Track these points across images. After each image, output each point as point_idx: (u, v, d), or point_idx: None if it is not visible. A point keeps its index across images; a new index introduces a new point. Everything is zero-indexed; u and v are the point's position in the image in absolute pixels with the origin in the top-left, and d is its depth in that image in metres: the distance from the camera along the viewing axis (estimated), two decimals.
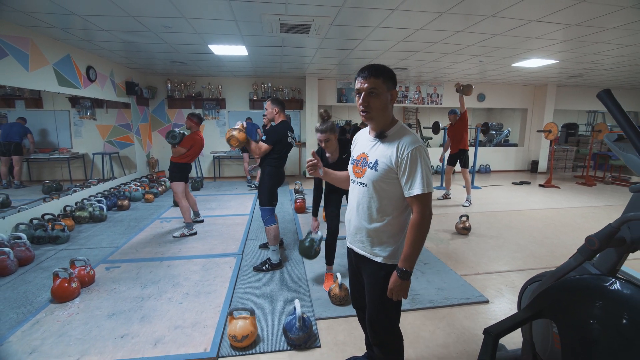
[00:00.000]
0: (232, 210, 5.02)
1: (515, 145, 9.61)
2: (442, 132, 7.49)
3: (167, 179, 6.53)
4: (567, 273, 1.52)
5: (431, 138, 12.20)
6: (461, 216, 4.08)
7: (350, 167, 1.46)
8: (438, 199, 5.89)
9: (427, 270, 3.02)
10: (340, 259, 3.25)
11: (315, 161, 1.52)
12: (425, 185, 1.22)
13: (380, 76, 1.24)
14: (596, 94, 1.23)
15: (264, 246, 3.54)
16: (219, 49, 4.72)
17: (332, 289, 2.47)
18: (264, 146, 2.87)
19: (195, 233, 3.91)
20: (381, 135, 1.32)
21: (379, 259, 1.35)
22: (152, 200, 5.53)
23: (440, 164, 6.83)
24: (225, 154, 7.36)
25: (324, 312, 2.36)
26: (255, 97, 7.66)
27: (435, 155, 8.99)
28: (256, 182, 5.78)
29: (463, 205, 5.42)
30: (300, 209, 4.87)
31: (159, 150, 7.60)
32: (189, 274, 2.90)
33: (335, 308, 2.41)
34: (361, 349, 1.99)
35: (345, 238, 1.59)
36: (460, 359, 1.95)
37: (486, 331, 1.39)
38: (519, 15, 3.31)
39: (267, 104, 2.98)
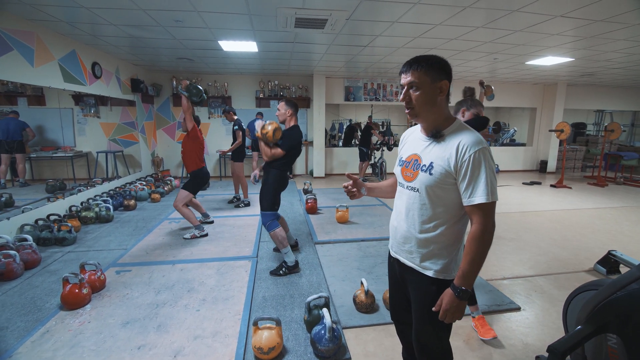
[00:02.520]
0: (241, 211, 4.90)
1: (523, 144, 9.51)
2: None
3: (172, 178, 6.41)
4: (629, 284, 1.41)
5: None
6: None
7: (398, 169, 1.33)
8: None
9: None
10: (359, 262, 3.14)
11: (355, 189, 1.40)
12: (490, 193, 1.08)
13: (421, 68, 1.11)
14: None
15: (278, 249, 3.41)
16: (229, 45, 4.59)
17: (358, 295, 2.35)
18: (278, 151, 2.77)
19: (207, 234, 3.79)
20: (436, 135, 1.18)
21: (429, 273, 1.22)
22: (159, 200, 5.40)
23: None
24: (232, 153, 7.22)
25: (349, 320, 2.24)
26: (261, 95, 7.53)
27: None
28: (246, 199, 5.35)
29: None
30: (312, 210, 4.74)
31: (163, 148, 7.47)
32: (203, 279, 2.78)
33: (362, 316, 2.29)
34: None
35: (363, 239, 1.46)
36: None
37: (551, 350, 1.27)
38: (543, 11, 3.18)
39: (281, 105, 2.87)
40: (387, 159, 7.43)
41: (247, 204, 5.24)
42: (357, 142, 9.29)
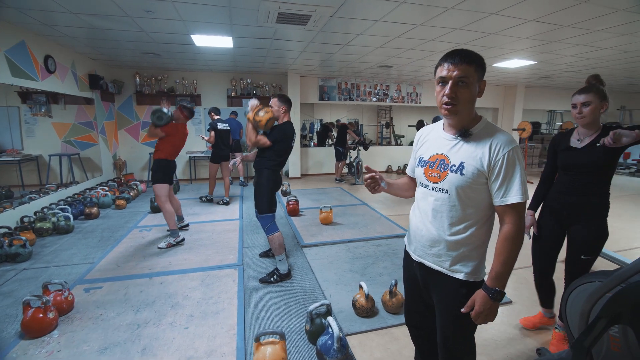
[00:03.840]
0: (219, 215, 4.64)
1: None
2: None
3: (138, 182, 5.94)
4: (635, 274, 1.45)
5: (403, 136, 12.47)
6: None
7: (419, 169, 1.26)
8: None
9: None
10: (351, 264, 3.07)
11: (377, 176, 1.29)
12: (523, 193, 1.07)
13: (473, 63, 1.06)
14: None
15: (265, 254, 3.26)
16: (202, 40, 4.32)
17: (358, 299, 2.28)
18: (263, 140, 2.66)
19: (183, 240, 3.52)
20: (465, 134, 1.13)
21: (459, 276, 1.17)
22: (124, 206, 4.97)
23: None
24: (202, 154, 6.86)
25: (351, 326, 2.16)
26: (233, 94, 7.24)
27: (409, 152, 9.10)
28: (226, 198, 5.30)
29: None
30: (293, 212, 4.61)
31: (126, 150, 6.92)
32: (187, 292, 2.56)
33: (363, 321, 2.22)
34: None
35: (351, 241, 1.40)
36: None
37: (577, 346, 1.28)
38: (518, 14, 3.32)
39: (274, 101, 2.75)
40: (363, 158, 7.45)
41: (222, 203, 5.21)
42: (330, 142, 9.28)
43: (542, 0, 2.92)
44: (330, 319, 1.83)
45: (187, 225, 4.00)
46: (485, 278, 1.16)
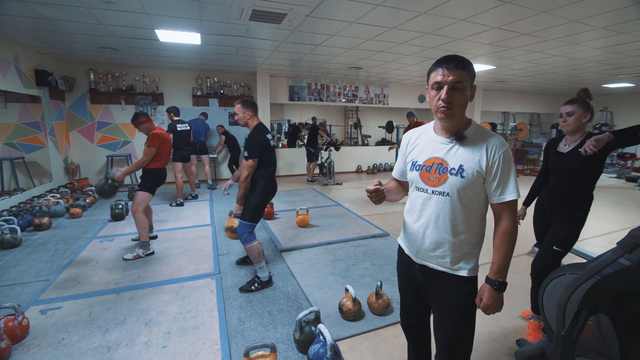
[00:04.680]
0: (188, 222, 4.39)
1: None
2: (393, 131, 7.76)
3: (95, 187, 5.46)
4: (607, 266, 1.56)
5: (370, 136, 12.76)
6: None
7: (415, 174, 1.26)
8: None
9: None
10: (332, 266, 3.03)
11: (383, 188, 1.27)
12: (517, 190, 1.15)
13: (466, 68, 1.10)
14: None
15: (242, 261, 3.13)
16: (167, 35, 4.06)
17: (345, 303, 2.25)
18: (249, 163, 2.52)
19: (153, 253, 3.28)
20: (461, 138, 1.16)
21: (463, 273, 1.21)
22: (80, 214, 4.54)
23: (395, 151, 7.06)
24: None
25: (339, 331, 2.13)
26: (199, 93, 6.92)
27: (382, 153, 9.34)
28: (193, 192, 5.33)
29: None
30: (269, 215, 4.49)
31: (79, 153, 6.34)
32: (162, 306, 2.37)
33: (350, 324, 2.20)
34: None
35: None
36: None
37: (566, 339, 1.34)
38: (485, 21, 3.49)
39: (237, 108, 2.60)
40: (334, 159, 7.47)
41: (180, 204, 5.16)
42: (300, 143, 9.22)
43: (506, 9, 3.10)
44: (321, 326, 1.78)
45: (156, 236, 3.73)
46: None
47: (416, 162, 1.27)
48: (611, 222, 4.46)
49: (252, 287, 2.62)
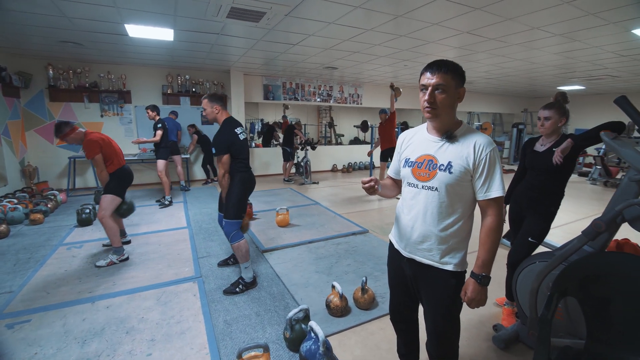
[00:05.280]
0: (163, 225, 4.23)
1: None
2: (368, 131, 7.91)
3: (56, 193, 5.11)
4: (573, 253, 1.72)
5: (343, 135, 12.95)
6: None
7: (407, 170, 1.33)
8: None
9: None
10: (315, 265, 3.06)
11: (374, 182, 1.32)
12: (503, 188, 1.21)
13: (450, 72, 1.17)
14: (613, 100, 1.41)
15: (224, 263, 3.08)
16: (138, 31, 3.88)
17: (332, 300, 2.29)
18: (219, 160, 2.49)
19: (127, 258, 3.13)
20: (451, 136, 1.24)
21: (449, 267, 1.27)
22: (42, 220, 4.23)
23: (369, 158, 7.22)
24: (134, 157, 6.15)
25: (328, 327, 2.16)
26: (170, 91, 6.67)
27: (356, 151, 9.50)
28: (169, 197, 5.21)
29: (396, 198, 5.84)
30: (248, 216, 4.41)
31: (37, 155, 5.88)
32: (142, 313, 2.28)
33: (338, 320, 2.24)
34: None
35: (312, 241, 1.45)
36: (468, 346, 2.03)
37: (542, 320, 1.46)
38: (457, 26, 3.67)
39: (205, 103, 2.55)
40: (310, 159, 7.49)
41: (170, 203, 5.15)
42: (275, 142, 9.15)
43: (476, 15, 3.28)
44: (312, 323, 1.81)
45: (130, 241, 3.56)
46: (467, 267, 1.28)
47: (409, 159, 1.33)
48: (568, 214, 4.85)
49: (237, 289, 2.59)
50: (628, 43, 4.19)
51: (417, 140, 1.34)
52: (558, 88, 8.77)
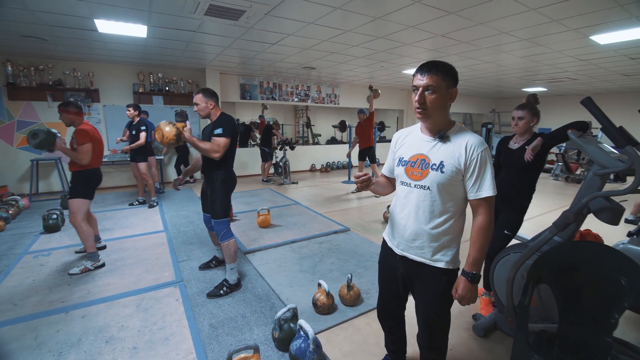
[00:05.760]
0: (138, 229, 4.07)
1: None
2: (346, 131, 7.99)
3: (18, 198, 4.78)
4: (545, 244, 1.84)
5: (320, 135, 13.01)
6: (388, 206, 4.47)
7: (401, 169, 1.36)
8: (352, 192, 6.29)
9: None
10: (299, 264, 3.07)
11: (368, 177, 1.34)
12: (493, 187, 1.22)
13: (440, 73, 1.19)
14: (580, 101, 1.53)
15: (206, 266, 3.01)
16: (108, 26, 3.70)
17: (319, 298, 2.31)
18: (222, 141, 2.37)
19: (103, 265, 2.99)
20: (443, 137, 1.25)
21: (441, 264, 1.30)
22: (3, 228, 3.94)
23: (348, 159, 7.31)
24: (105, 160, 5.87)
25: (315, 325, 2.17)
26: (141, 90, 6.41)
27: (334, 151, 9.60)
28: (140, 198, 5.11)
29: (375, 196, 5.96)
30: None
31: None
32: (122, 321, 2.19)
33: (325, 318, 2.26)
34: (373, 354, 1.94)
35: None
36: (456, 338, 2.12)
37: (521, 306, 1.55)
38: (432, 29, 3.81)
39: (198, 97, 2.45)
40: (289, 159, 7.46)
41: (156, 204, 5.09)
42: (253, 143, 9.04)
43: (450, 19, 3.41)
44: (302, 321, 1.82)
45: (105, 246, 3.40)
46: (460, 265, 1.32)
47: (403, 158, 1.36)
48: (534, 208, 5.16)
49: (221, 292, 2.54)
50: (586, 48, 4.52)
51: (411, 140, 1.37)
52: (523, 89, 9.30)
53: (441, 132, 1.26)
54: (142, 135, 4.79)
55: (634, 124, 4.75)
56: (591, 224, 2.43)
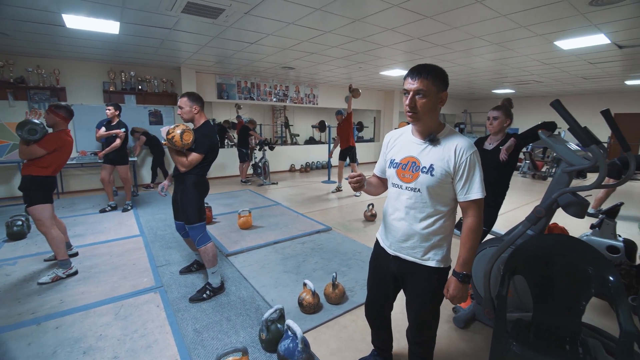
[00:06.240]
0: (112, 234, 3.89)
1: (372, 140, 11.41)
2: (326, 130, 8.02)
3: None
4: (518, 238, 1.95)
5: (298, 135, 13.01)
6: (369, 205, 4.54)
7: (392, 171, 1.39)
8: (332, 191, 6.34)
9: (365, 259, 3.23)
10: (283, 265, 3.06)
11: (361, 177, 1.36)
12: (482, 190, 1.25)
13: (430, 77, 1.20)
14: (549, 103, 1.64)
15: (187, 270, 2.94)
16: (77, 22, 3.51)
17: (304, 297, 2.32)
18: (194, 157, 2.37)
19: (76, 272, 2.85)
20: (433, 139, 1.28)
21: (432, 263, 1.34)
22: None
23: (328, 159, 7.35)
24: (74, 162, 5.56)
25: (301, 325, 2.18)
26: (112, 89, 6.13)
27: (314, 151, 9.63)
28: (112, 202, 4.87)
29: (355, 195, 6.04)
30: (208, 220, 4.26)
31: None
32: (100, 330, 2.10)
33: (311, 317, 2.28)
34: (359, 350, 1.97)
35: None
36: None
37: (499, 297, 1.63)
38: (409, 32, 3.91)
39: (183, 101, 2.43)
40: (268, 159, 7.39)
41: (130, 208, 4.95)
42: (230, 143, 8.88)
43: (427, 23, 3.53)
44: (289, 321, 1.83)
45: (77, 253, 3.23)
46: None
47: (394, 160, 1.39)
48: (504, 204, 5.42)
49: (204, 295, 2.50)
50: (551, 53, 4.81)
51: (402, 142, 1.39)
52: (493, 91, 9.74)
53: (431, 135, 1.28)
54: (122, 136, 4.51)
55: (592, 126, 5.10)
56: (557, 217, 2.59)
